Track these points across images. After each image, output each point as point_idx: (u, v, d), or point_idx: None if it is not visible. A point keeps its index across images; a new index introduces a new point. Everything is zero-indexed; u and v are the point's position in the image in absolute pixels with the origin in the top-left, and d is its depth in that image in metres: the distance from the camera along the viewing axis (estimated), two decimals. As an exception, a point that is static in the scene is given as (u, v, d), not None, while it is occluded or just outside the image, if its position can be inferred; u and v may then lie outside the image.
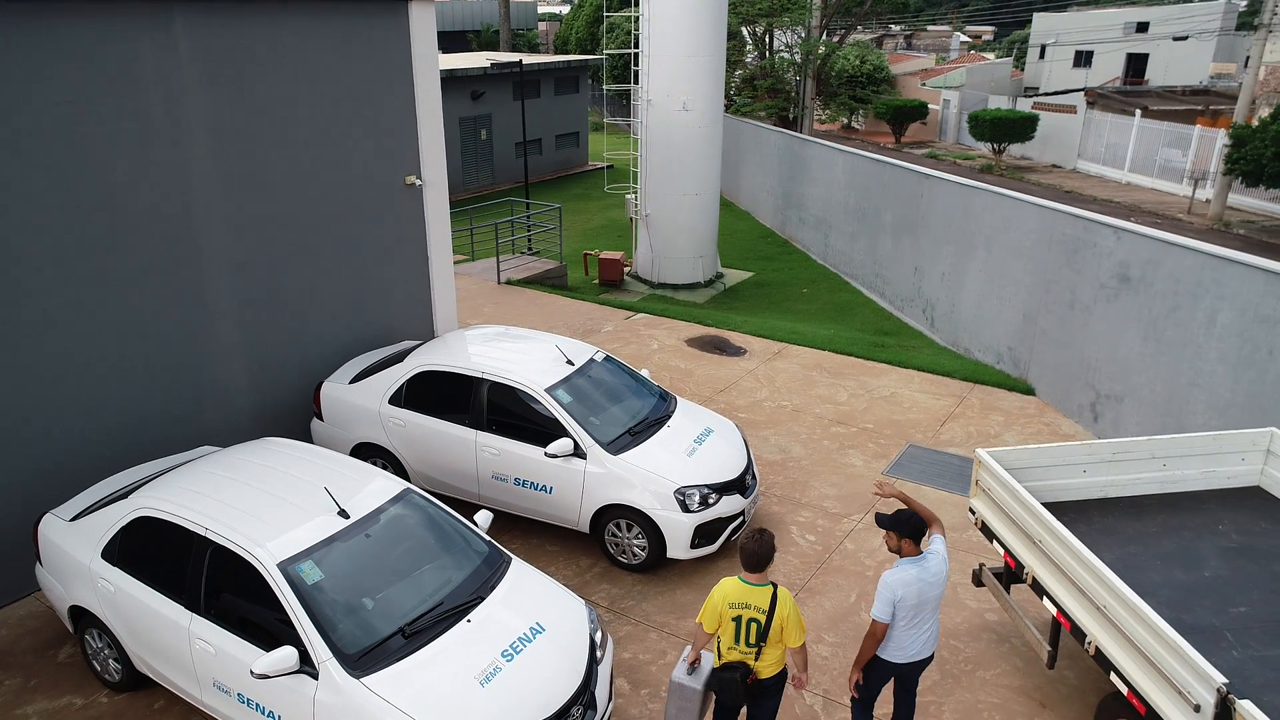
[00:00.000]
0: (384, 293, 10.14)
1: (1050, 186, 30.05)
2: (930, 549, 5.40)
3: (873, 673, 5.50)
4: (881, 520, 5.42)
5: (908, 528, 5.28)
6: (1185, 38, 40.61)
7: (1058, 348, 11.40)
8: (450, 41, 55.15)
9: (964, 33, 78.10)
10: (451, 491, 8.55)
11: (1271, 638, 5.29)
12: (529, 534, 8.55)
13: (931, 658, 5.52)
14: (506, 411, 8.14)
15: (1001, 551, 6.53)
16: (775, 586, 5.17)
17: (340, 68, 9.09)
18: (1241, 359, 8.61)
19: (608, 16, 25.29)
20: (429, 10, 9.76)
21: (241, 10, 8.15)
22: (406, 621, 5.47)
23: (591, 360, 8.74)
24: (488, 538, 6.41)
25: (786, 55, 34.83)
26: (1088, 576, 5.45)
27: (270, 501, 5.98)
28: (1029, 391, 11.92)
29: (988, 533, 6.72)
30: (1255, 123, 22.17)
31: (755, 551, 5.13)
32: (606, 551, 8.06)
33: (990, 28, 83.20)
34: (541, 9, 72.99)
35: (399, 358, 9.01)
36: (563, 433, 7.86)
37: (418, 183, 10.08)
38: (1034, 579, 6.09)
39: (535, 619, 5.79)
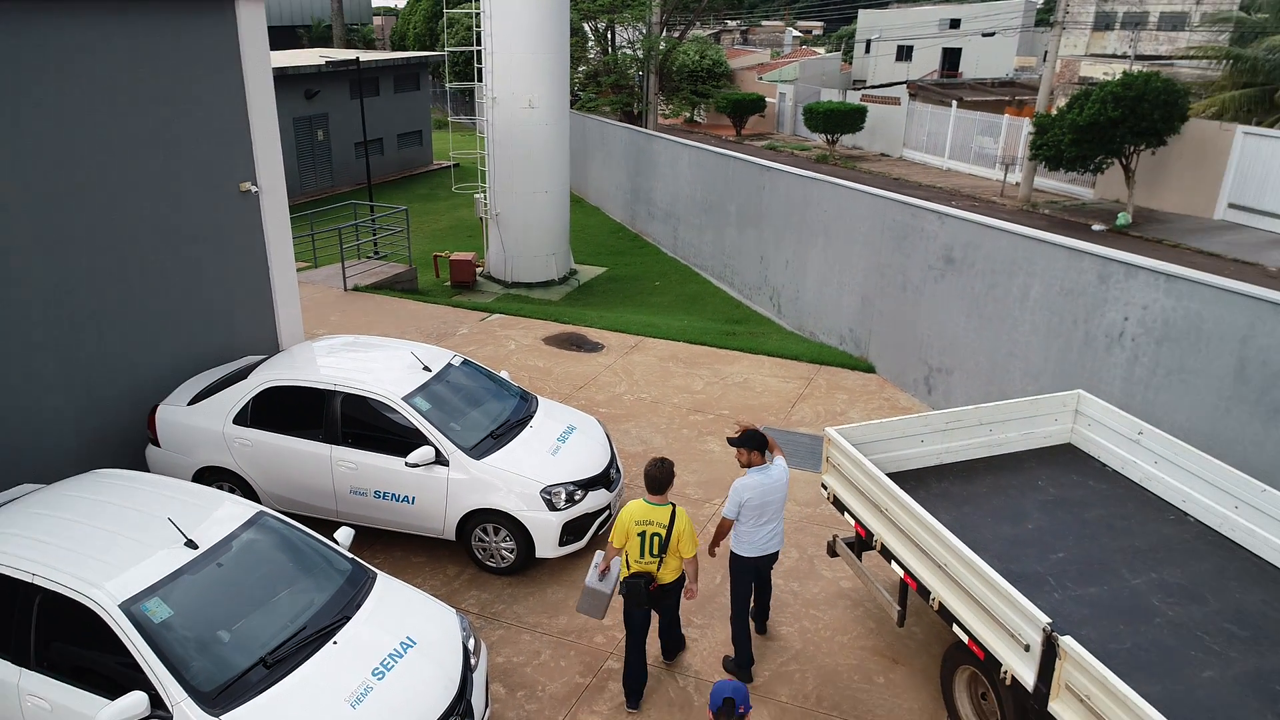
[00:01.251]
0: (222, 307, 9.62)
1: (880, 174, 31.83)
2: (773, 463, 6.45)
3: (736, 571, 6.61)
4: (731, 440, 6.46)
5: (753, 442, 6.38)
6: (992, 34, 43.93)
7: (893, 327, 12.16)
8: (279, 37, 52.38)
9: (795, 28, 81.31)
10: (308, 511, 8.24)
11: (1085, 579, 5.89)
12: (392, 547, 8.37)
13: (778, 554, 6.67)
14: (362, 423, 7.92)
15: (853, 522, 6.94)
16: (674, 506, 6.07)
17: (162, 71, 8.54)
18: (1051, 329, 9.47)
19: (447, 12, 24.84)
20: (258, 9, 9.31)
21: (46, 10, 7.53)
22: (267, 651, 5.27)
23: (449, 365, 8.63)
24: (350, 555, 6.24)
25: (629, 51, 35.26)
26: (929, 538, 5.89)
27: (106, 538, 5.59)
28: (870, 370, 12.65)
29: (839, 505, 7.12)
30: (1054, 112, 24.26)
31: (656, 476, 6.07)
32: (474, 557, 7.99)
33: (820, 23, 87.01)
34: (376, 3, 70.65)
35: (242, 375, 8.58)
36: (423, 441, 7.73)
37: (253, 189, 9.62)
38: (883, 545, 6.52)
39: (405, 633, 5.70)
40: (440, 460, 7.70)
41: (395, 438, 7.80)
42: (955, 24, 46.96)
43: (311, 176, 29.17)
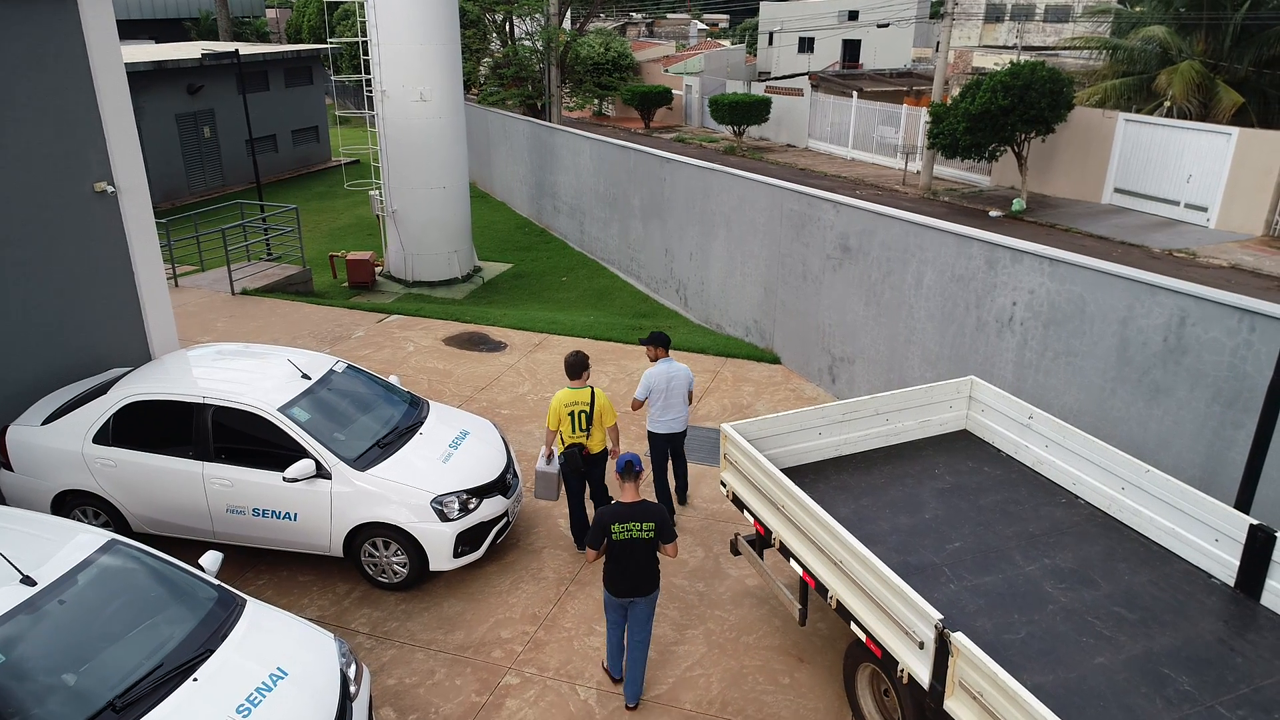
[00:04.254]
0: (82, 316, 8.91)
1: (786, 165, 32.13)
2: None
3: (652, 445, 8.23)
4: (642, 340, 8.06)
5: (658, 340, 7.97)
6: (887, 25, 44.89)
7: (796, 317, 12.14)
8: (164, 30, 49.99)
9: (700, 20, 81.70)
10: (182, 533, 7.69)
11: (980, 567, 5.87)
12: (277, 566, 7.88)
13: (685, 432, 8.26)
14: (237, 437, 7.41)
15: (752, 520, 6.79)
16: (592, 387, 7.52)
17: (-8, 61, 7.82)
18: (944, 315, 9.55)
19: (339, 3, 23.75)
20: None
21: None
22: (116, 694, 4.80)
23: (331, 372, 8.16)
24: (216, 581, 5.78)
25: (529, 43, 34.66)
26: (822, 533, 5.76)
27: (-74, 581, 5.01)
28: (775, 361, 12.62)
29: (739, 503, 6.97)
30: (949, 102, 24.83)
31: (574, 363, 7.50)
32: (365, 574, 7.58)
33: (724, 15, 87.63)
34: (267, -5, 67.78)
35: (103, 389, 7.95)
36: (302, 453, 7.27)
37: (110, 189, 8.92)
38: (781, 542, 6.38)
39: (276, 664, 5.29)
40: (322, 473, 7.25)
41: (272, 451, 7.32)
42: (853, 15, 47.81)
43: (200, 176, 27.77)
